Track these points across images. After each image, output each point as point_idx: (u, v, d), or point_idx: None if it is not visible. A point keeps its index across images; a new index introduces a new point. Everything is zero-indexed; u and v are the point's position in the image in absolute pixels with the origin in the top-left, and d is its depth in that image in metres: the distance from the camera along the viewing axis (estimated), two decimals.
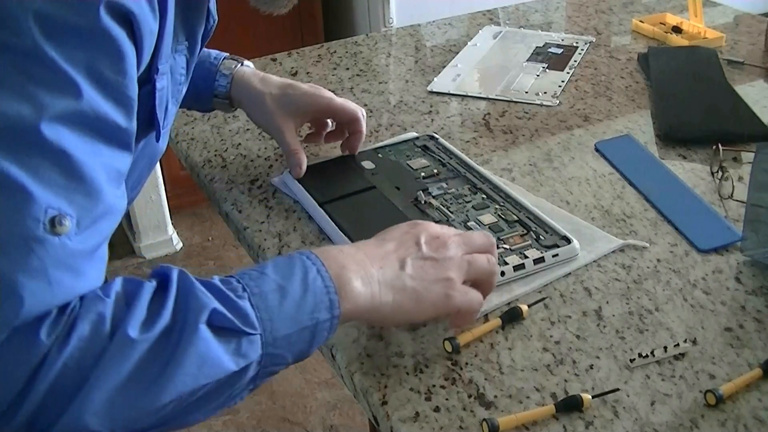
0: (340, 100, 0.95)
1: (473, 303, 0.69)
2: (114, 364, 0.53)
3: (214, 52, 0.98)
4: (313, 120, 0.99)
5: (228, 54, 0.98)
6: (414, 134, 1.05)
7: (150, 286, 0.57)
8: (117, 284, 0.57)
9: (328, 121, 0.99)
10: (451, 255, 0.69)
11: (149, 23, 0.60)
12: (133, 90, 0.59)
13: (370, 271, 0.66)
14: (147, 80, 0.65)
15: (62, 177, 0.54)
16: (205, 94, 0.96)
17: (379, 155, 0.99)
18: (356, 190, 0.91)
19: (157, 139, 0.70)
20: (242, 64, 0.98)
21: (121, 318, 0.54)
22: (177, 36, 0.70)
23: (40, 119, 0.53)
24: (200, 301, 0.57)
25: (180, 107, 0.83)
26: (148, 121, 0.69)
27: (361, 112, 0.96)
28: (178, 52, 0.72)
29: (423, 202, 0.89)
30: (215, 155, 1.04)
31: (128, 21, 0.57)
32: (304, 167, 0.93)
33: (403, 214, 0.86)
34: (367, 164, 0.97)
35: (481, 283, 0.71)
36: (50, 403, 0.52)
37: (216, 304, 0.57)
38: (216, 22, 0.80)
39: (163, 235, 2.43)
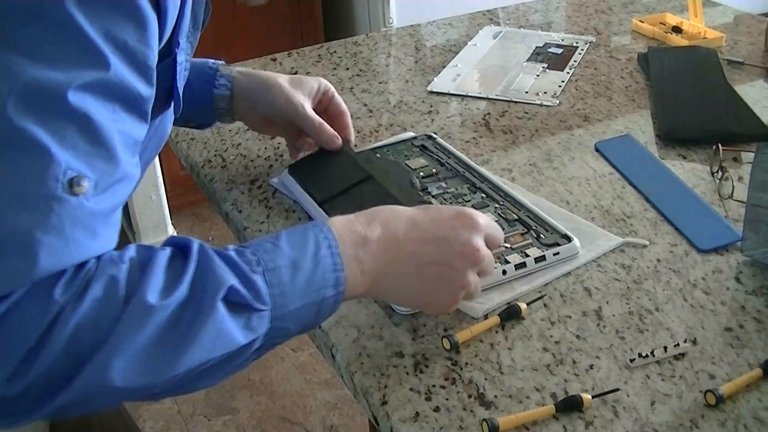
0: (337, 93, 0.98)
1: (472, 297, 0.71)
2: (131, 330, 0.54)
3: (209, 60, 0.97)
4: (291, 124, 0.97)
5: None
6: (412, 134, 1.05)
7: (164, 254, 0.58)
8: (131, 250, 0.58)
9: (307, 140, 0.98)
10: (470, 280, 0.68)
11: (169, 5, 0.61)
12: (154, 60, 0.61)
13: (380, 260, 0.66)
14: (168, 53, 0.66)
15: (84, 142, 0.55)
16: (207, 96, 0.96)
17: (378, 155, 0.99)
18: (353, 182, 0.91)
19: (176, 112, 0.71)
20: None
21: (137, 283, 0.55)
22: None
23: (68, 87, 0.54)
24: (219, 278, 0.58)
25: (177, 123, 0.84)
26: (167, 95, 0.70)
27: (348, 114, 0.98)
28: (187, 40, 0.72)
29: (424, 202, 0.89)
30: (215, 155, 1.04)
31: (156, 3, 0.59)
32: (339, 139, 0.94)
33: (400, 202, 0.86)
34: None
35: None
36: (65, 362, 0.53)
37: (234, 281, 0.58)
38: (210, 11, 0.80)
39: (163, 235, 2.43)
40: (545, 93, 1.18)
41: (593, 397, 0.66)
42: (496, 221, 0.86)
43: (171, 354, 0.55)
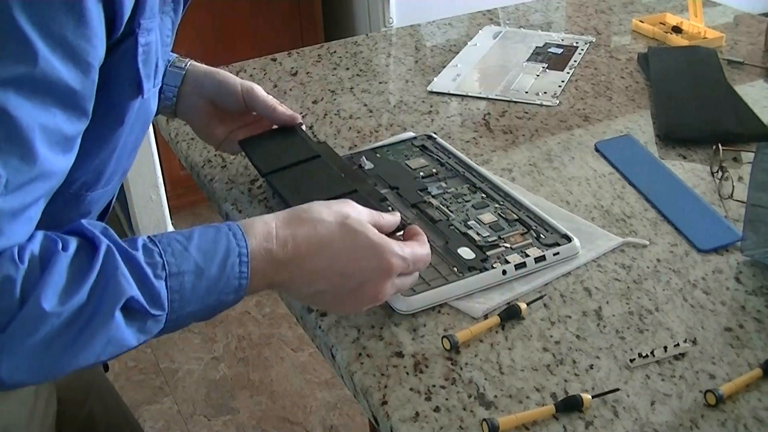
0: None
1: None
2: (23, 332, 0.54)
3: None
4: (240, 114, 0.95)
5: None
6: (412, 134, 1.05)
7: (67, 255, 0.57)
8: (35, 244, 0.56)
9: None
10: (354, 310, 0.71)
11: None
12: (95, 56, 0.59)
13: (283, 276, 0.66)
14: (130, 33, 0.64)
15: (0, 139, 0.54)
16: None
17: (378, 155, 0.99)
18: (300, 159, 0.90)
19: (142, 95, 0.68)
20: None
21: (34, 286, 0.54)
22: None
23: None
24: (120, 288, 0.57)
25: None
26: (135, 79, 0.67)
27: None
28: (164, 14, 0.70)
29: (424, 202, 0.89)
30: (215, 155, 1.04)
31: None
32: (297, 115, 0.93)
33: (345, 181, 0.86)
34: (366, 164, 0.97)
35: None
36: None
37: (134, 291, 0.57)
38: None
39: None
40: (545, 93, 1.18)
41: (593, 397, 0.66)
42: (496, 221, 0.86)
43: (60, 357, 0.55)
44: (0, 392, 0.73)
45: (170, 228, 2.44)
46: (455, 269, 0.79)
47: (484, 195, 0.91)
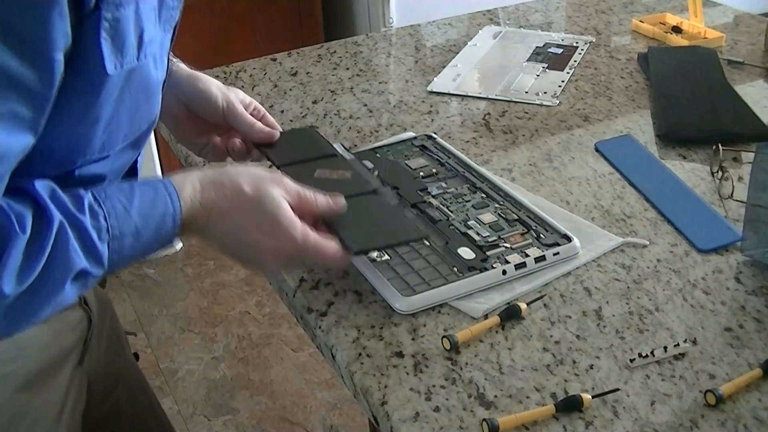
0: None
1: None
2: None
3: None
4: (219, 125, 0.94)
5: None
6: (412, 134, 1.05)
7: (24, 238, 0.59)
8: None
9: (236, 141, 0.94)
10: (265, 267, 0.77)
11: None
12: (52, 47, 0.58)
13: (205, 235, 0.73)
14: (96, 8, 0.62)
15: None
16: None
17: (378, 155, 0.99)
18: (315, 156, 0.89)
19: (106, 71, 0.65)
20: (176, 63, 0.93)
21: None
22: None
23: None
24: (72, 263, 0.61)
25: None
26: (99, 55, 0.65)
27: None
28: None
29: (424, 202, 0.89)
30: None
31: None
32: (276, 132, 0.92)
33: (364, 179, 0.86)
34: (366, 164, 0.97)
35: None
36: None
37: (83, 263, 0.62)
38: None
39: None
40: (545, 93, 1.18)
41: (593, 397, 0.66)
42: (496, 221, 0.86)
43: (13, 322, 0.61)
44: (31, 386, 0.78)
45: None
46: (455, 269, 0.79)
47: (484, 195, 0.91)
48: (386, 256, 0.80)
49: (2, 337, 0.63)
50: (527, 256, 0.81)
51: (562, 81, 1.22)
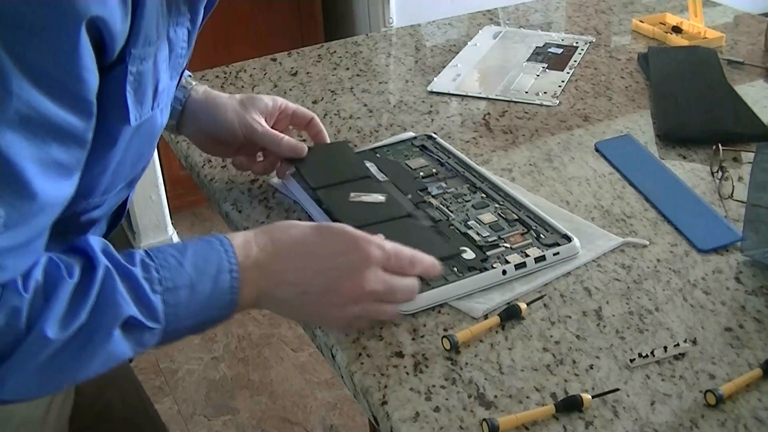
0: (293, 104, 0.95)
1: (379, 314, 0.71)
2: (28, 356, 0.57)
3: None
4: (248, 144, 0.95)
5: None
6: (412, 134, 1.05)
7: (70, 282, 0.59)
8: (38, 272, 0.58)
9: (259, 154, 0.96)
10: (347, 314, 0.69)
11: (116, 25, 0.58)
12: (85, 89, 0.58)
13: (271, 286, 0.68)
14: (120, 61, 0.63)
15: None
16: None
17: (378, 155, 0.99)
18: (350, 178, 0.90)
19: (129, 122, 0.68)
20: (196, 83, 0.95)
21: (39, 314, 0.57)
22: (178, 8, 0.68)
23: None
24: (119, 308, 0.59)
25: None
26: (123, 107, 0.67)
27: (315, 116, 0.95)
28: (179, 25, 0.69)
29: (424, 202, 0.89)
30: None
31: (96, 27, 0.56)
32: (303, 146, 0.92)
33: (398, 202, 0.86)
34: (366, 164, 0.97)
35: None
36: None
37: (132, 310, 0.60)
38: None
39: (163, 235, 2.43)
40: (545, 93, 1.18)
41: (593, 397, 0.66)
42: (496, 221, 0.86)
43: (61, 374, 0.59)
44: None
45: (170, 228, 2.44)
46: (455, 269, 0.79)
47: (484, 195, 0.91)
48: None
49: (50, 391, 0.61)
50: (527, 256, 0.81)
51: (562, 81, 1.22)
